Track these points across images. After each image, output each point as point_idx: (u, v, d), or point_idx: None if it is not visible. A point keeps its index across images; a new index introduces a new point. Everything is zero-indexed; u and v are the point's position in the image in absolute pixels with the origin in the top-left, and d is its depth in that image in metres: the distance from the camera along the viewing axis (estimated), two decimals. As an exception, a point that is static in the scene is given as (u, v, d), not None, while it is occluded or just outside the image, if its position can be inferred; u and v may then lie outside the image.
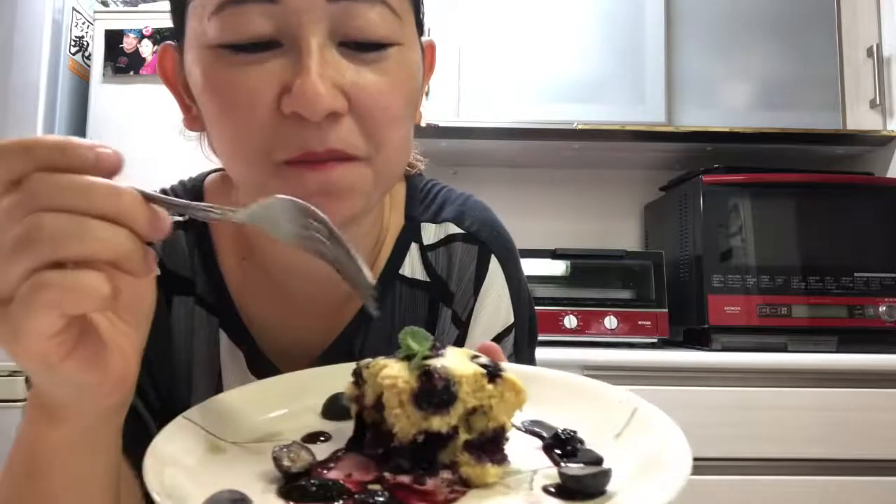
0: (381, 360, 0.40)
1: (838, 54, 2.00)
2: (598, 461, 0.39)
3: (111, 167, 0.35)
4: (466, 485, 0.37)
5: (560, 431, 0.42)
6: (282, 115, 0.48)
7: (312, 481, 0.36)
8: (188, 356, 0.63)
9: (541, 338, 1.64)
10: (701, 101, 1.98)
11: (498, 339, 0.67)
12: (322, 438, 0.43)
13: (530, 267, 1.84)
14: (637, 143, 2.01)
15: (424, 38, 0.60)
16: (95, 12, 2.02)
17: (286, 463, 0.37)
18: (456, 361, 0.39)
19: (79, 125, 2.02)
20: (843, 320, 1.69)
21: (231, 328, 0.63)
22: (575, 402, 0.46)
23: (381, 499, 0.34)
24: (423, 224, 0.69)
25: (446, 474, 0.37)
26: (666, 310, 1.82)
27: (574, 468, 0.37)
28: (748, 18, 2.00)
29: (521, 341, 0.69)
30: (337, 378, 0.47)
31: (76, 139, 0.34)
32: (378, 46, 0.50)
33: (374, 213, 0.64)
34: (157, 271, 0.38)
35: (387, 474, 0.37)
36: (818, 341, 1.67)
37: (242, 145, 0.50)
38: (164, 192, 0.68)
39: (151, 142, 1.88)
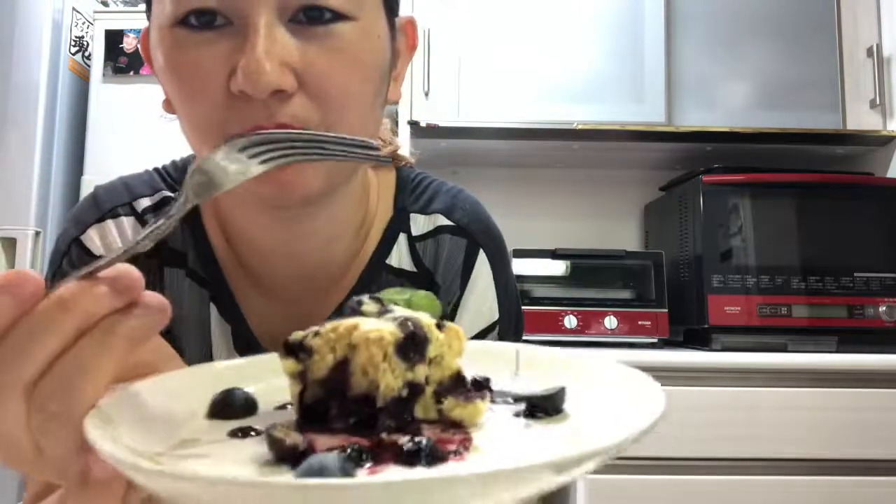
0: (339, 323, 0.37)
1: (838, 54, 1.99)
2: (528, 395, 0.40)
3: (33, 288, 0.30)
4: (458, 427, 0.37)
5: (473, 377, 0.41)
6: (232, 96, 0.48)
7: (348, 450, 0.32)
8: (178, 328, 0.63)
9: (541, 338, 1.65)
10: (701, 101, 1.98)
11: (481, 335, 0.67)
12: (254, 433, 0.36)
13: (530, 267, 1.85)
14: (637, 143, 2.01)
15: (403, 16, 0.59)
16: (95, 12, 2.02)
17: (289, 442, 0.32)
18: (409, 313, 0.39)
19: (79, 125, 2.02)
20: (843, 320, 1.69)
21: (221, 302, 0.63)
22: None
23: (424, 443, 0.32)
24: (412, 215, 0.69)
25: (429, 426, 0.37)
26: (666, 310, 1.82)
27: (536, 392, 0.39)
28: (748, 18, 2.00)
29: (506, 340, 0.69)
30: (202, 384, 0.42)
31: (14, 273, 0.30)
32: (328, 20, 0.49)
33: (356, 198, 0.64)
34: (167, 316, 0.34)
35: (384, 437, 0.35)
36: (818, 341, 1.67)
37: (198, 124, 0.50)
38: (156, 171, 0.69)
39: (151, 142, 1.88)
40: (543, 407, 0.38)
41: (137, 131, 1.94)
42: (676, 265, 1.92)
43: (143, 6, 0.59)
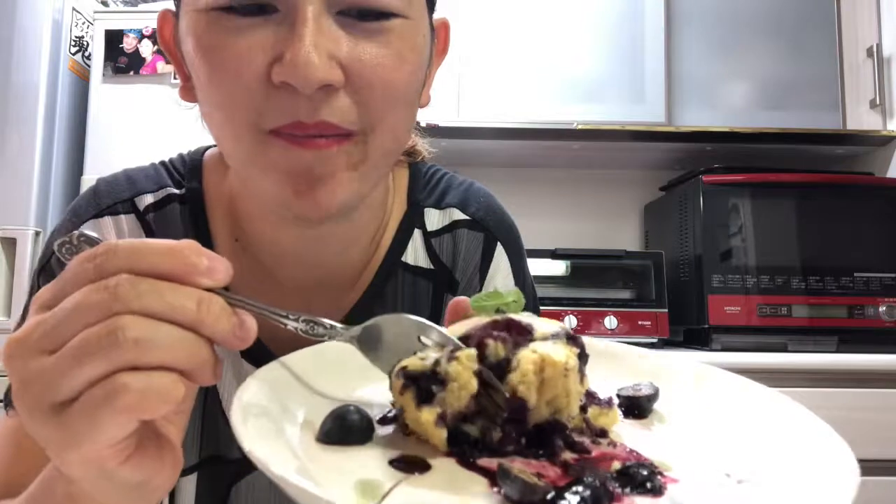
0: (518, 357, 0.35)
1: (838, 54, 2.00)
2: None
3: (219, 278, 0.34)
4: (604, 435, 0.38)
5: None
6: (272, 85, 0.45)
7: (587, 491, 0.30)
8: None
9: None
10: (701, 101, 1.98)
11: None
12: (413, 471, 0.33)
13: (530, 267, 1.84)
14: (637, 143, 2.01)
15: (437, 17, 0.57)
16: (95, 12, 2.02)
17: (542, 486, 0.30)
18: (543, 324, 0.39)
19: (79, 125, 2.02)
20: (843, 320, 1.69)
21: None
22: None
23: (646, 472, 0.32)
24: (426, 209, 0.67)
25: (580, 435, 0.37)
26: (666, 310, 1.82)
27: (631, 392, 0.42)
28: (748, 18, 2.00)
29: None
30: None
31: (190, 243, 0.34)
32: (380, 16, 0.47)
33: (376, 205, 0.62)
34: (221, 377, 0.36)
35: (568, 457, 0.35)
36: (818, 341, 1.67)
37: (230, 112, 0.47)
38: (162, 165, 0.66)
39: (151, 142, 1.88)
40: (641, 406, 0.41)
41: (137, 131, 1.94)
42: (676, 265, 1.92)
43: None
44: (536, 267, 1.84)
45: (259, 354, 0.61)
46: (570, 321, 1.78)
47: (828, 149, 2.01)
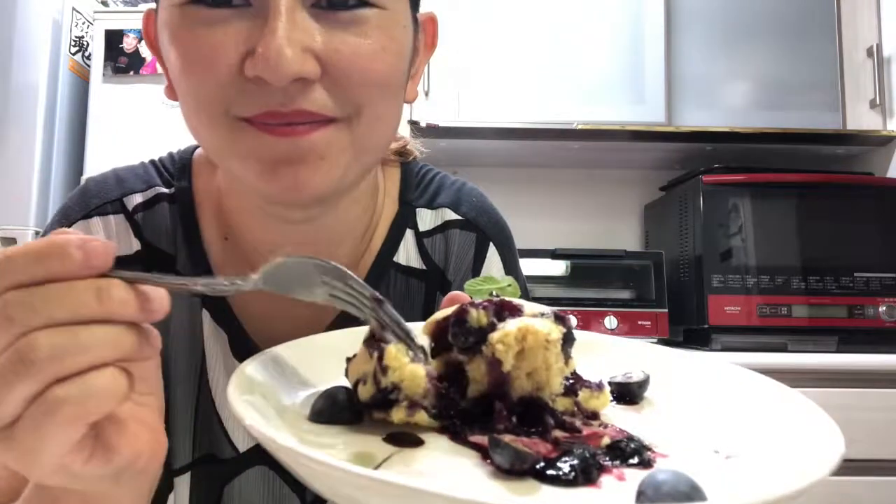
0: (506, 332, 0.35)
1: (838, 54, 2.00)
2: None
3: (102, 263, 0.33)
4: (595, 417, 0.38)
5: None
6: (245, 78, 0.45)
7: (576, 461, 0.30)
8: (166, 335, 0.59)
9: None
10: (701, 101, 1.98)
11: None
12: (406, 446, 0.34)
13: (530, 267, 1.85)
14: (637, 143, 2.01)
15: (424, 11, 0.57)
16: (95, 12, 2.02)
17: (534, 454, 0.30)
18: (533, 306, 0.39)
19: (79, 125, 2.02)
20: (843, 320, 1.69)
21: (214, 308, 0.60)
22: None
23: (634, 445, 0.33)
24: (418, 209, 0.67)
25: (570, 418, 0.37)
26: (666, 310, 1.82)
27: (622, 378, 0.42)
28: (748, 18, 2.00)
29: None
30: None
31: (59, 239, 0.32)
32: (352, 5, 0.46)
33: (364, 201, 0.62)
34: (160, 346, 0.36)
35: (559, 434, 0.35)
36: (818, 341, 1.67)
37: (202, 103, 0.47)
38: (152, 163, 0.66)
39: (151, 142, 1.88)
40: (633, 394, 0.42)
41: (137, 131, 1.94)
42: (676, 265, 1.92)
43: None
44: (536, 267, 1.84)
45: (249, 356, 0.61)
46: (570, 321, 1.77)
47: (828, 149, 2.01)
